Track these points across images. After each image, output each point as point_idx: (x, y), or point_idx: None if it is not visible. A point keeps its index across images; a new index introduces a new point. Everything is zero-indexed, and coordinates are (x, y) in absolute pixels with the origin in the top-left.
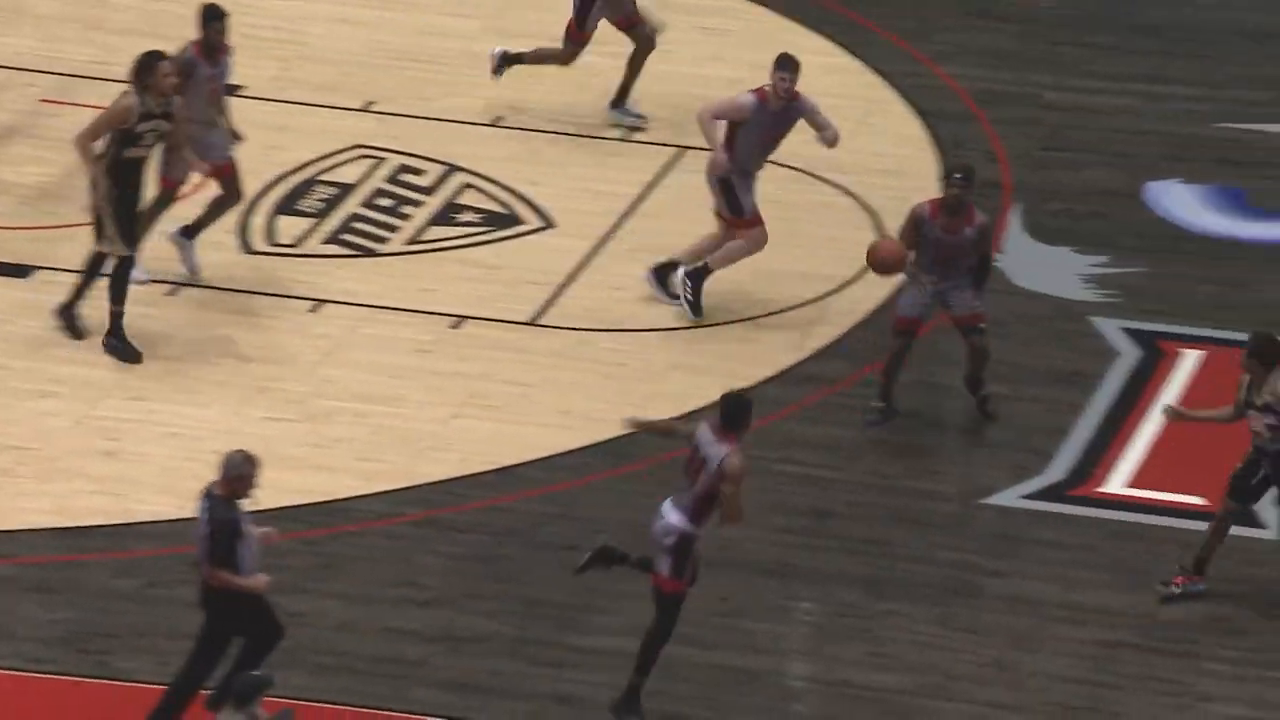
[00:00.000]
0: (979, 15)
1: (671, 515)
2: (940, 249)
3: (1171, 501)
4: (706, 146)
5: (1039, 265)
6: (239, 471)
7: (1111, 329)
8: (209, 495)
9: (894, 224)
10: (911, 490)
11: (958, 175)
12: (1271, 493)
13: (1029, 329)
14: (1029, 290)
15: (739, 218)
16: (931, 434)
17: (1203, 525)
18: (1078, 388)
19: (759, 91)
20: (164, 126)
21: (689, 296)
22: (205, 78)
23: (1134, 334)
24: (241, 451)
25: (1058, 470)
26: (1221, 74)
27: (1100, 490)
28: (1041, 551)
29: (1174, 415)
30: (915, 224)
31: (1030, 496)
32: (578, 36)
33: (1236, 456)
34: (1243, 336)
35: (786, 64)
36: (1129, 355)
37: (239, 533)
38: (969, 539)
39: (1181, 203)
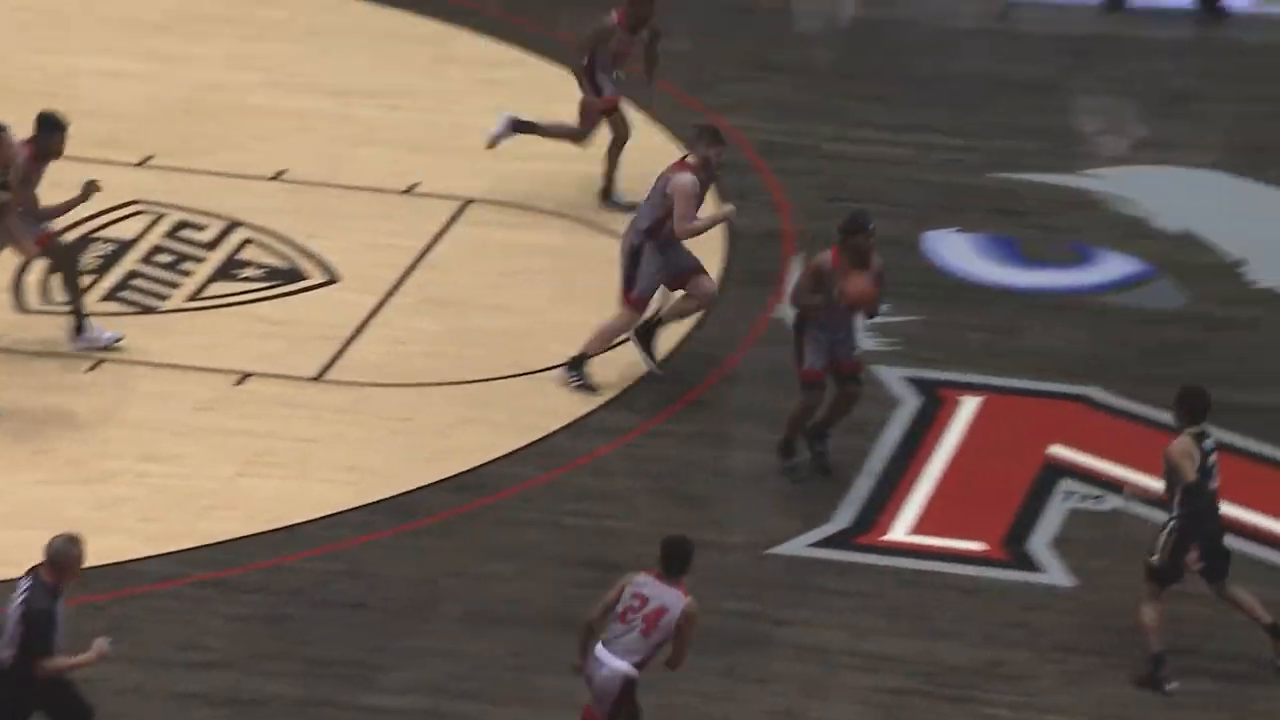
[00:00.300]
0: (758, 67)
1: (615, 662)
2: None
3: (953, 548)
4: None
5: None
6: (63, 556)
7: (893, 377)
8: (34, 577)
9: None
10: (699, 541)
11: (872, 225)
12: (1046, 535)
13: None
14: None
15: (628, 292)
16: (719, 484)
17: (982, 571)
18: (862, 436)
19: (687, 168)
20: (3, 196)
21: (647, 358)
22: (36, 176)
23: (915, 382)
24: (64, 535)
25: (844, 519)
26: (992, 125)
27: (885, 538)
28: (829, 600)
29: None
30: (817, 274)
31: (817, 545)
32: (608, 102)
33: (1016, 501)
34: (1017, 383)
35: (721, 138)
36: (910, 403)
37: (54, 624)
38: (757, 589)
39: (958, 252)
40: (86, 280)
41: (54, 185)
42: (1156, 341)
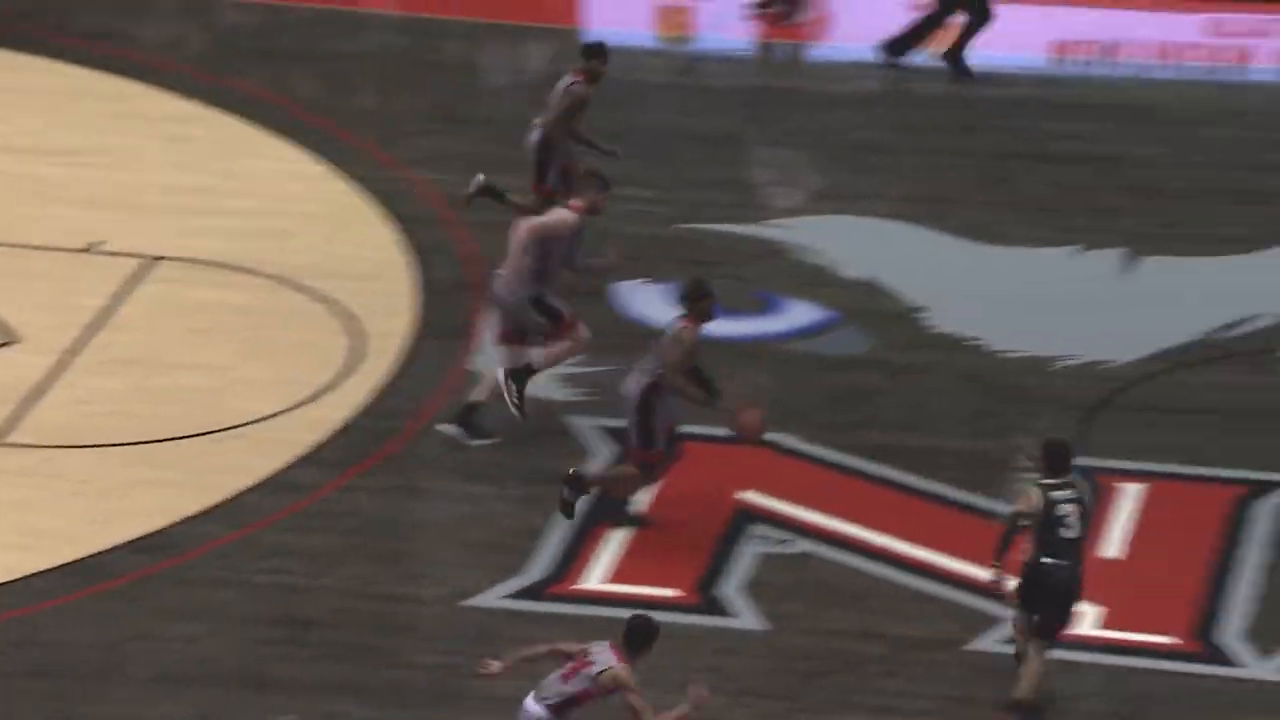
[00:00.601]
0: (445, 121)
1: (536, 710)
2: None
3: (646, 595)
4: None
5: None
6: None
7: (586, 427)
8: None
9: (372, 328)
10: (393, 595)
11: (710, 287)
12: (738, 580)
13: (508, 429)
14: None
15: (559, 325)
16: (413, 538)
17: (675, 617)
18: (556, 485)
19: (575, 210)
20: None
21: (514, 400)
22: None
23: (609, 432)
24: None
25: (538, 569)
26: (680, 177)
27: (578, 587)
28: None
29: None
30: (692, 351)
31: (512, 596)
32: (539, 189)
33: (708, 547)
34: (707, 430)
35: (608, 184)
36: (603, 452)
37: None
38: (452, 641)
39: (648, 302)
40: None
41: None
42: (842, 387)
